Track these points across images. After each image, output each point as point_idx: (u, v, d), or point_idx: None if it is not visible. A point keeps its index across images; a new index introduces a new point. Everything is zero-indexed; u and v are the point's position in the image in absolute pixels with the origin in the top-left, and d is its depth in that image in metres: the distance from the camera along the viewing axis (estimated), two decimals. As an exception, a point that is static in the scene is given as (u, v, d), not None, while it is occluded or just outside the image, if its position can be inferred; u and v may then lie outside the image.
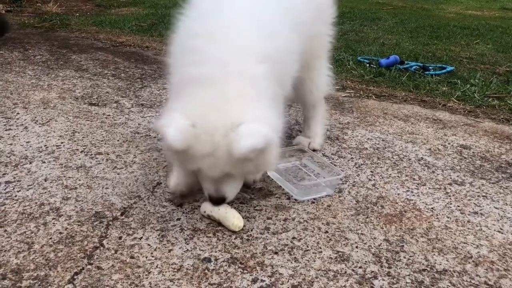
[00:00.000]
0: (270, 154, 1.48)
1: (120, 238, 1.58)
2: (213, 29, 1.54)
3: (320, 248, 1.57)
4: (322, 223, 1.71)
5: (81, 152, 2.21)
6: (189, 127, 1.39)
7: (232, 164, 1.45)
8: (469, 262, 1.54)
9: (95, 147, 2.27)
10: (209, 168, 1.48)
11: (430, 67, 3.96)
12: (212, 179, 1.55)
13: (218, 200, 1.61)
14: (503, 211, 1.86)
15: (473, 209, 1.86)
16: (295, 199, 1.86)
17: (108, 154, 2.20)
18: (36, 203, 1.77)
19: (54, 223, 1.64)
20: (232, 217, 1.64)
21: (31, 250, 1.50)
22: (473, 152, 2.40)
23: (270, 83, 1.54)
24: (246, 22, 1.58)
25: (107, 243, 1.55)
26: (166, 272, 1.42)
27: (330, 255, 1.54)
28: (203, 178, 1.59)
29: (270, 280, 1.41)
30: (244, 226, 1.65)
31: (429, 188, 2.01)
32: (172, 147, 1.40)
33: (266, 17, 1.64)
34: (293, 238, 1.62)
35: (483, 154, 2.39)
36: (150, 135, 2.42)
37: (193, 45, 1.53)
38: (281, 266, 1.47)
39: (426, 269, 1.49)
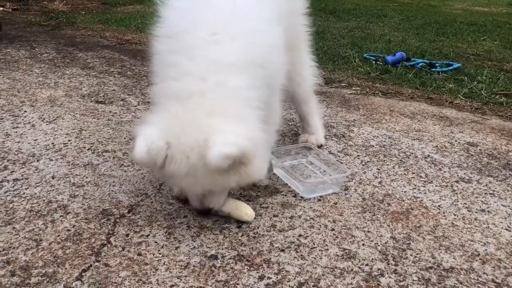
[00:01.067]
0: (250, 166, 1.42)
1: (127, 235, 1.59)
2: (189, 44, 1.48)
3: (327, 245, 1.57)
4: (329, 221, 1.71)
5: (88, 149, 2.22)
6: (163, 145, 1.37)
7: (212, 182, 1.43)
8: (476, 260, 1.53)
9: (102, 144, 2.28)
10: (189, 187, 1.48)
11: (436, 64, 3.94)
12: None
13: (203, 212, 1.64)
14: (510, 208, 1.85)
15: (480, 206, 1.86)
16: (301, 197, 1.86)
17: (115, 151, 2.21)
18: (44, 200, 1.78)
19: (62, 221, 1.66)
20: (244, 207, 1.66)
21: (39, 247, 1.51)
22: (480, 150, 2.39)
23: (255, 91, 1.49)
24: (223, 33, 1.49)
25: (115, 241, 1.56)
26: (173, 269, 1.43)
27: (337, 252, 1.54)
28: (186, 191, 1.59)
29: (277, 277, 1.41)
30: (250, 223, 1.66)
31: (436, 185, 2.01)
32: (136, 161, 1.40)
33: (246, 20, 1.57)
34: (300, 235, 1.62)
35: (490, 151, 2.38)
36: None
37: (171, 60, 1.50)
38: (288, 263, 1.47)
39: (433, 267, 1.49)
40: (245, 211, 1.65)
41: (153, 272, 1.41)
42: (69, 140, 2.31)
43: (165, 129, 1.39)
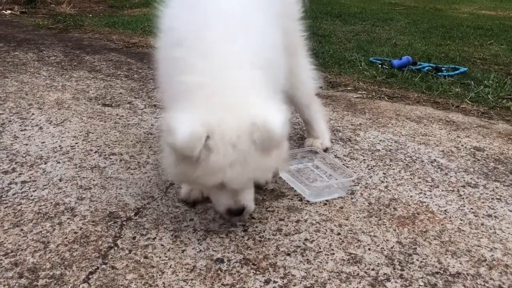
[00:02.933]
0: (284, 144, 1.50)
1: (134, 238, 1.60)
2: (200, 42, 1.51)
3: (333, 250, 1.57)
4: (335, 225, 1.71)
5: (95, 152, 2.23)
6: (204, 135, 1.33)
7: (260, 166, 1.43)
8: (483, 265, 1.53)
9: (109, 147, 2.29)
10: (235, 178, 1.41)
11: (443, 68, 3.93)
12: (231, 191, 1.49)
13: (238, 212, 1.55)
14: (517, 214, 1.84)
15: (487, 211, 1.85)
16: (307, 201, 1.87)
17: (121, 154, 2.22)
18: (51, 203, 1.79)
19: (69, 223, 1.67)
20: None
21: (47, 249, 1.52)
22: (486, 154, 2.38)
23: (269, 85, 1.53)
24: (232, 34, 1.53)
25: (121, 243, 1.57)
26: (179, 272, 1.43)
27: (343, 257, 1.54)
28: (218, 193, 1.52)
29: (283, 281, 1.41)
30: (256, 227, 1.66)
31: (442, 190, 2.00)
32: (177, 146, 1.33)
33: (251, 23, 1.61)
34: (306, 239, 1.62)
35: (497, 156, 2.37)
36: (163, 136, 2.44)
37: (183, 60, 1.50)
38: (294, 267, 1.48)
39: (439, 272, 1.49)
40: None
41: (160, 275, 1.42)
42: (76, 143, 2.33)
43: (203, 121, 1.35)
